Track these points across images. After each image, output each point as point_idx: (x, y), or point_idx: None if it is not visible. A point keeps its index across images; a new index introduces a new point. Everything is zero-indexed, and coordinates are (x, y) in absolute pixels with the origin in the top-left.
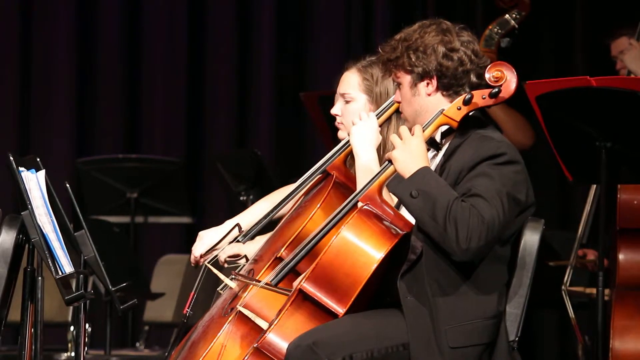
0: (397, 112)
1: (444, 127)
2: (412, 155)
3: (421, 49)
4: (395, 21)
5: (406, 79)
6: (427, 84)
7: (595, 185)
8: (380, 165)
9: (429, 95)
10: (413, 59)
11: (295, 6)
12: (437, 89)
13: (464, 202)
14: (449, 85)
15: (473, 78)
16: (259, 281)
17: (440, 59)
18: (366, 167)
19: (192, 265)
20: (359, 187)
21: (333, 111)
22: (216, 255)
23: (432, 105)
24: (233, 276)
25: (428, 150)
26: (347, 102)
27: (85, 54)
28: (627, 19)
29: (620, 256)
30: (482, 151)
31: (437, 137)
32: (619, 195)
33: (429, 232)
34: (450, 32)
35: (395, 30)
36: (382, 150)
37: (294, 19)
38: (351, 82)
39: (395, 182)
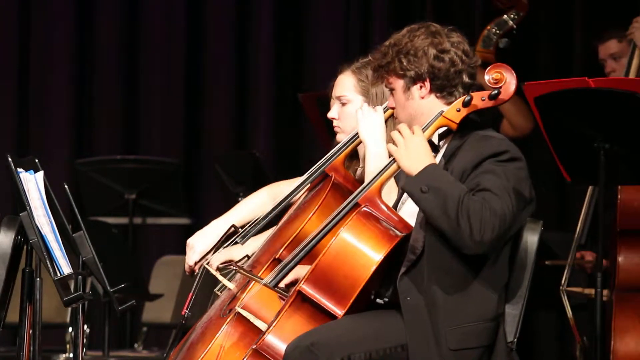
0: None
1: (442, 129)
2: (416, 152)
3: (412, 52)
4: (394, 22)
5: (399, 83)
6: (421, 87)
7: (591, 186)
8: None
9: (423, 98)
10: (404, 63)
11: (294, 7)
12: (431, 91)
13: (474, 196)
14: (442, 86)
15: (465, 78)
16: (261, 278)
17: (431, 61)
18: (377, 158)
19: (188, 274)
20: (367, 179)
21: (330, 115)
22: (208, 259)
23: (427, 108)
24: (234, 269)
25: None
26: (343, 104)
27: (84, 55)
28: (626, 19)
29: (620, 258)
30: (484, 150)
31: (435, 139)
32: (619, 197)
33: (440, 227)
34: (440, 34)
35: (393, 31)
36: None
37: (293, 19)
38: (346, 84)
39: (404, 179)
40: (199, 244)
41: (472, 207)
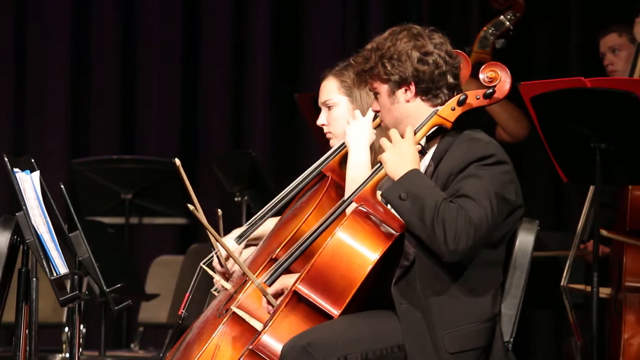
0: None
1: (432, 129)
2: (402, 157)
3: (395, 56)
4: (391, 22)
5: (383, 88)
6: (405, 90)
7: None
8: (373, 167)
9: (408, 101)
10: (388, 68)
11: (291, 7)
12: (416, 94)
13: (452, 202)
14: (428, 89)
15: (450, 79)
16: (256, 279)
17: (415, 64)
18: (358, 166)
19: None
20: (349, 185)
21: (319, 122)
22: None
23: (413, 111)
24: (237, 264)
25: None
26: (329, 108)
27: (80, 55)
28: (622, 19)
29: (628, 258)
30: (470, 153)
31: (422, 141)
32: (629, 196)
33: (417, 234)
34: (422, 36)
35: None
36: (374, 154)
37: (290, 19)
38: (330, 87)
39: (385, 185)
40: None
41: (447, 215)
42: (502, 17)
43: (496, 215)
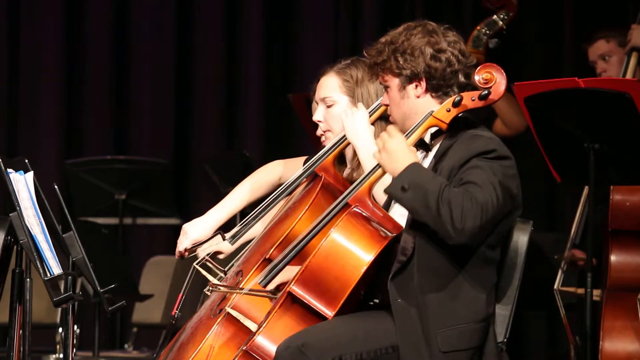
0: (382, 116)
1: (434, 129)
2: (395, 154)
3: (409, 51)
4: (384, 22)
5: (394, 81)
6: (416, 86)
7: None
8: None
9: (418, 97)
10: (401, 62)
11: (284, 7)
12: (426, 90)
13: (455, 188)
14: (438, 86)
15: (461, 78)
16: (242, 289)
17: (428, 61)
18: (369, 158)
19: (177, 257)
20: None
21: (315, 118)
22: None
23: (422, 107)
24: (212, 288)
25: (417, 151)
26: (328, 106)
27: (73, 55)
28: (615, 19)
29: (612, 258)
30: (472, 148)
31: (427, 138)
32: (611, 197)
33: (423, 220)
34: (437, 33)
35: (383, 31)
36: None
37: (282, 19)
38: (331, 85)
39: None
40: (193, 231)
41: (452, 196)
42: (495, 16)
43: (501, 202)
